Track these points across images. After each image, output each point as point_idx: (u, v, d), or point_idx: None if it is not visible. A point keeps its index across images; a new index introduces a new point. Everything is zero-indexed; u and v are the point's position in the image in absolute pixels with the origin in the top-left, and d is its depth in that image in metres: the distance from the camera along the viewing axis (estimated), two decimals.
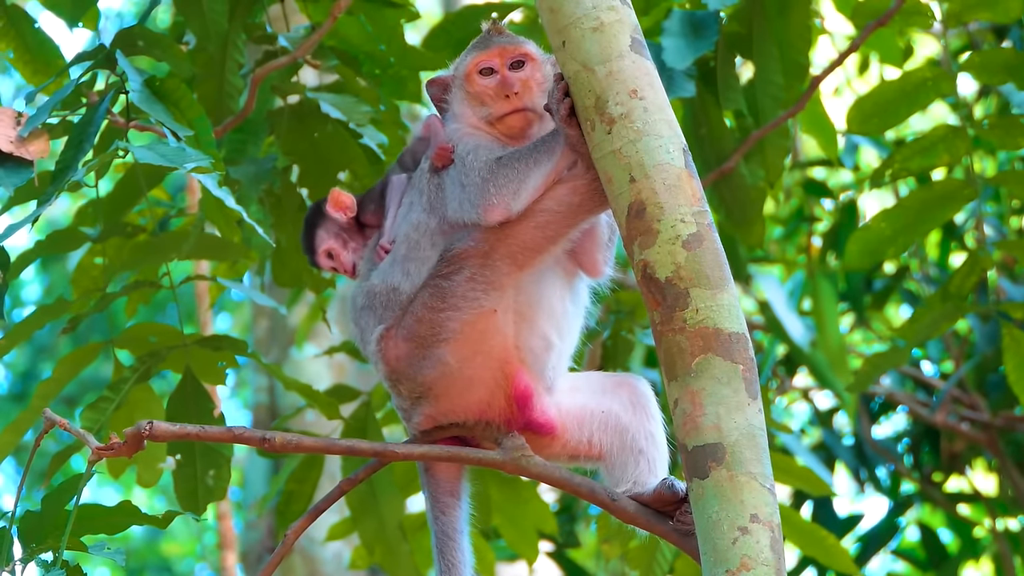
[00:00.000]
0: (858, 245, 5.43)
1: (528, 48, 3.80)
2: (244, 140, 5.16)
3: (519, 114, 3.75)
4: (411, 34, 5.38)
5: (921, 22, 5.30)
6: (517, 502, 5.71)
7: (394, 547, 5.46)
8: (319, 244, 3.99)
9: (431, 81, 3.90)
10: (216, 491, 4.78)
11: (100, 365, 5.28)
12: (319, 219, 4.01)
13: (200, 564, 16.23)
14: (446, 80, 3.87)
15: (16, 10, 4.83)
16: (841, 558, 5.60)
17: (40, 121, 4.03)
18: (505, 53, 3.78)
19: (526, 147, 3.61)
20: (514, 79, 3.75)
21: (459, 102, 3.81)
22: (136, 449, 3.57)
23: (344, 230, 3.98)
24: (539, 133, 3.73)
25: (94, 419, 4.67)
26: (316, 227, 4.01)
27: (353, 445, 3.75)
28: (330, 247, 3.98)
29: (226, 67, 4.97)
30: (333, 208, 3.99)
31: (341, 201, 3.99)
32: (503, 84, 3.75)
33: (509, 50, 3.78)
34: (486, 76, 3.78)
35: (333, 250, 3.98)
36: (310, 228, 4.02)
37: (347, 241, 3.97)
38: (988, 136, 5.47)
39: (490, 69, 3.78)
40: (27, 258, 4.76)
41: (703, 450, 3.27)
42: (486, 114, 3.77)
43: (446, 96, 3.85)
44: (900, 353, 5.39)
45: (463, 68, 3.82)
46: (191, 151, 3.82)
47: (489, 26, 3.85)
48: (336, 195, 3.99)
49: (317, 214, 4.02)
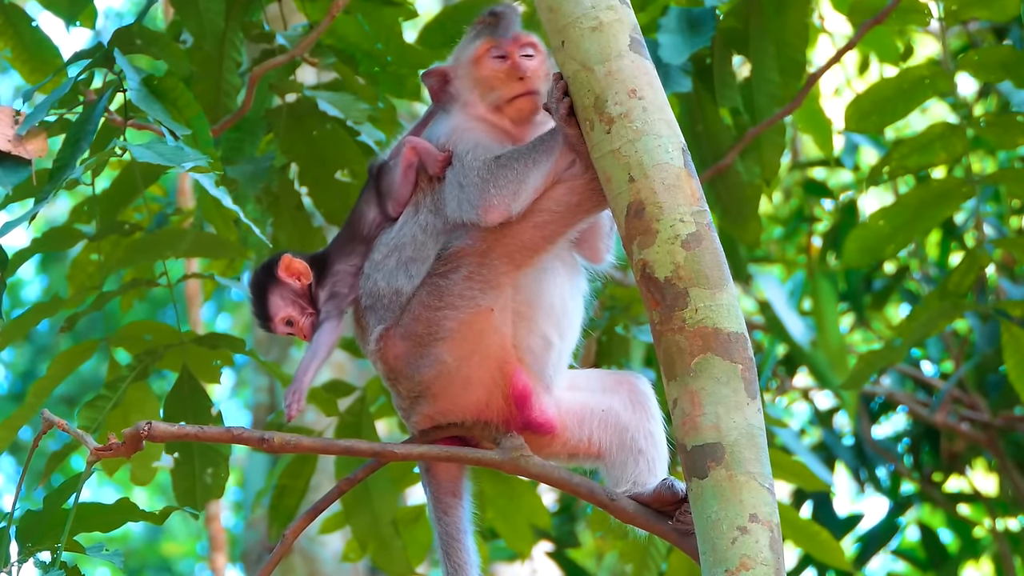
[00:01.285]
0: (857, 243, 5.43)
1: (536, 39, 3.81)
2: (242, 139, 5.15)
3: (529, 97, 3.74)
4: (409, 32, 5.37)
5: (918, 20, 5.29)
6: (511, 497, 5.71)
7: (387, 542, 5.45)
8: (275, 312, 3.83)
9: (428, 72, 3.87)
10: (214, 489, 4.78)
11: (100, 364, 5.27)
12: (271, 284, 3.84)
13: (200, 564, 16.23)
14: (444, 70, 3.85)
15: (14, 9, 4.83)
16: (836, 554, 5.60)
17: (38, 119, 4.03)
18: (519, 40, 3.78)
19: (525, 146, 3.60)
20: (525, 64, 3.75)
21: (465, 89, 3.79)
22: (135, 450, 3.57)
23: (299, 296, 3.83)
24: (540, 123, 3.73)
25: (92, 417, 4.67)
26: (268, 293, 3.84)
27: (352, 445, 3.75)
28: (288, 315, 3.82)
29: (223, 66, 4.97)
30: (286, 274, 3.83)
31: (294, 267, 3.83)
32: (515, 67, 3.74)
33: (522, 37, 3.79)
34: (496, 60, 3.77)
35: (292, 318, 3.83)
36: (262, 293, 3.85)
37: (304, 308, 3.82)
38: (986, 135, 5.46)
39: (501, 54, 3.78)
40: (24, 255, 4.76)
41: (702, 450, 3.27)
42: (495, 98, 3.75)
43: (445, 87, 3.84)
44: (896, 351, 5.38)
45: (471, 52, 3.80)
46: (189, 150, 3.82)
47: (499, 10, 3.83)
48: (288, 261, 3.83)
49: (268, 277, 3.84)
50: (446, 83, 3.84)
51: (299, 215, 5.31)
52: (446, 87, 3.84)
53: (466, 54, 3.82)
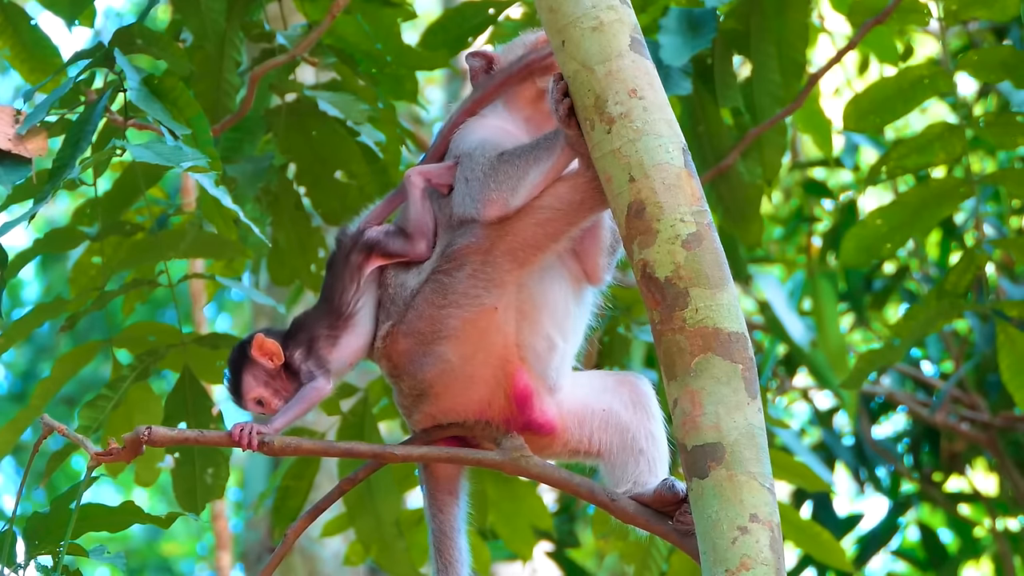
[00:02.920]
0: (854, 242, 5.42)
1: None
2: (241, 138, 5.15)
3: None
4: (408, 33, 5.38)
5: (918, 20, 5.29)
6: (512, 499, 5.71)
7: (390, 544, 5.46)
8: (247, 391, 3.79)
9: (476, 53, 3.87)
10: (214, 489, 4.78)
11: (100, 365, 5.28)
12: (245, 363, 3.80)
13: (200, 564, 16.23)
14: (491, 55, 3.86)
15: (13, 8, 4.83)
16: (837, 555, 5.60)
17: (38, 119, 4.03)
18: None
19: (527, 145, 3.60)
20: None
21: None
22: (135, 454, 3.58)
23: (272, 376, 3.77)
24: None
25: (92, 417, 4.67)
26: (242, 372, 3.79)
27: (352, 447, 3.75)
28: (259, 395, 3.78)
29: (224, 65, 4.97)
30: (258, 355, 3.78)
31: (266, 348, 3.77)
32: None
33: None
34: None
35: (263, 398, 3.78)
36: (236, 372, 3.82)
37: (277, 390, 3.77)
38: (986, 135, 5.46)
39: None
40: (25, 256, 4.76)
41: (702, 450, 3.27)
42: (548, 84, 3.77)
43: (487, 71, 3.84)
44: (895, 350, 5.38)
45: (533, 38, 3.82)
46: (188, 150, 3.81)
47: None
48: (260, 341, 3.78)
49: (242, 357, 3.80)
50: (489, 68, 3.85)
51: (298, 215, 5.31)
52: (488, 71, 3.84)
53: (526, 40, 3.84)
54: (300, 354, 3.76)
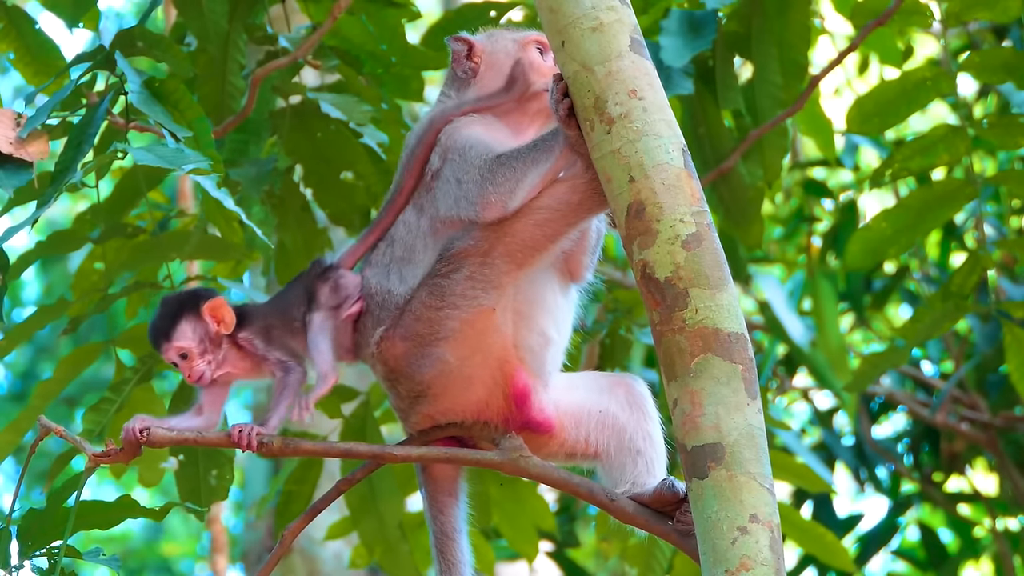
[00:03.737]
0: (859, 245, 5.43)
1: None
2: (246, 141, 5.15)
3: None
4: (412, 33, 5.38)
5: (920, 21, 5.29)
6: (516, 500, 5.71)
7: (394, 546, 5.46)
8: (177, 338, 3.66)
9: (458, 37, 3.88)
10: (219, 491, 4.78)
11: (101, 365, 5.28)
12: (188, 312, 3.67)
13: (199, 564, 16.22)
14: (473, 43, 3.87)
15: (17, 11, 4.83)
16: (840, 555, 5.60)
17: (40, 122, 4.02)
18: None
19: (525, 146, 3.60)
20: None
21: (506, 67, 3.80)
22: (133, 455, 3.58)
23: (209, 339, 3.68)
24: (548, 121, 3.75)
25: (96, 421, 4.67)
26: (182, 318, 3.68)
27: (351, 448, 3.76)
28: (188, 349, 3.66)
29: (227, 68, 4.97)
30: (209, 312, 3.67)
31: (221, 312, 3.68)
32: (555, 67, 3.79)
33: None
34: (539, 54, 3.83)
35: (189, 353, 3.66)
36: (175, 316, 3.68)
37: (207, 351, 3.67)
38: (987, 136, 5.46)
39: (542, 51, 3.84)
40: (27, 259, 4.76)
41: (702, 450, 3.27)
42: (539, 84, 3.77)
43: (468, 58, 3.85)
44: (899, 353, 5.38)
45: (520, 36, 3.85)
46: (190, 152, 3.81)
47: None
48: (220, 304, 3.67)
49: (189, 305, 3.69)
50: (470, 55, 3.86)
51: (304, 216, 5.31)
52: (468, 59, 3.85)
53: (512, 36, 3.86)
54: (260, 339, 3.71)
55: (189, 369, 3.68)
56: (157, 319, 3.72)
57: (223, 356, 3.71)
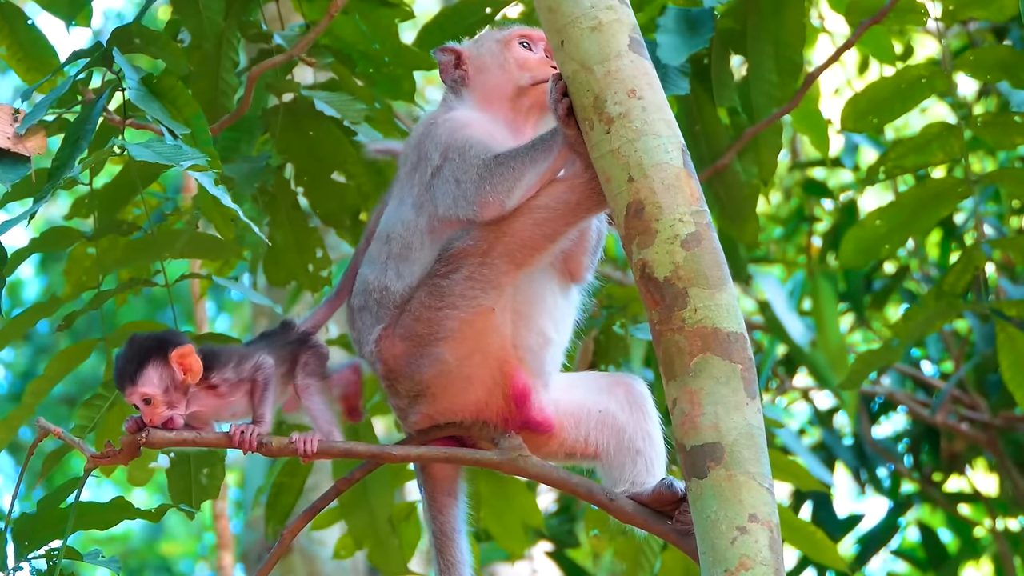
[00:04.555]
0: (853, 243, 5.42)
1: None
2: (238, 138, 5.15)
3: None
4: (406, 33, 5.37)
5: (916, 19, 5.28)
6: (504, 497, 5.70)
7: (384, 540, 5.44)
8: (142, 384, 3.59)
9: (444, 48, 3.90)
10: (210, 489, 4.77)
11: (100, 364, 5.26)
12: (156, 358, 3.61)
13: (200, 564, 16.23)
14: (460, 51, 3.88)
15: (10, 8, 4.82)
16: (831, 554, 5.59)
17: (37, 118, 4.02)
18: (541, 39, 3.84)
19: (524, 145, 3.60)
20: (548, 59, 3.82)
21: (492, 68, 3.83)
22: (132, 456, 3.58)
23: (175, 387, 3.62)
24: (546, 119, 3.75)
25: (89, 417, 4.66)
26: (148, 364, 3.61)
27: (351, 447, 3.75)
28: (152, 395, 3.59)
29: (221, 65, 4.97)
30: (176, 360, 3.62)
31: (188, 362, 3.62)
32: (544, 58, 3.82)
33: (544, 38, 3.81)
34: (524, 49, 3.83)
35: (153, 399, 3.60)
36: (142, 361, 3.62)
37: (172, 401, 3.61)
38: (984, 134, 5.46)
39: (528, 45, 3.84)
40: (22, 254, 4.75)
41: (702, 450, 3.27)
42: (526, 79, 3.78)
43: (457, 67, 3.86)
44: (894, 351, 5.37)
45: (503, 34, 3.86)
46: (188, 149, 3.81)
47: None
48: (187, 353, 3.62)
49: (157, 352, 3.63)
50: (458, 63, 3.86)
51: (295, 215, 5.31)
52: (457, 67, 3.85)
53: (495, 36, 3.87)
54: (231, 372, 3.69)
55: (151, 414, 3.60)
56: (124, 361, 3.64)
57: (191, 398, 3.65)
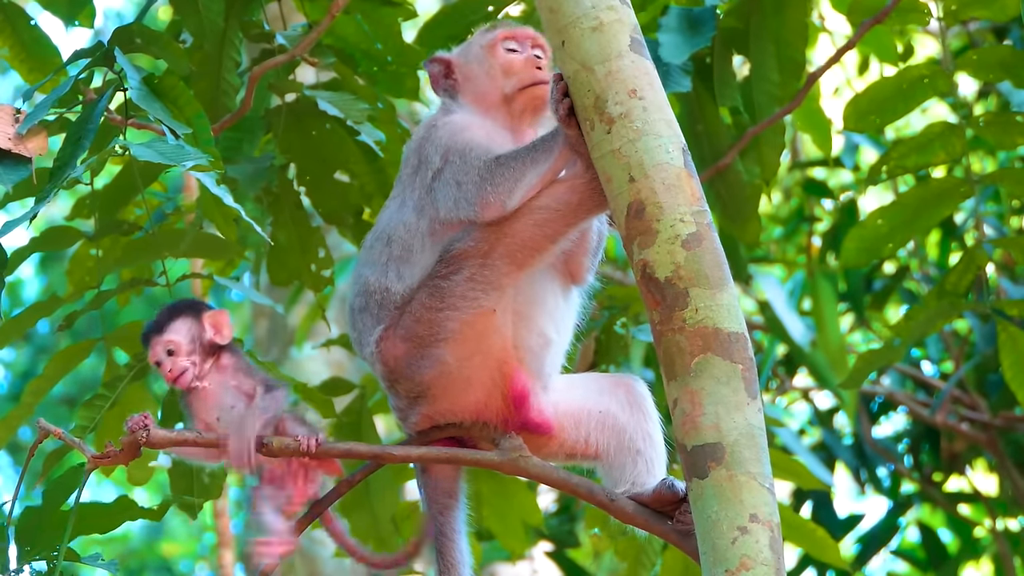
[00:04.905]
0: (855, 242, 5.43)
1: (545, 43, 3.84)
2: (241, 138, 5.15)
3: (543, 86, 3.75)
4: (408, 32, 5.37)
5: (917, 19, 5.29)
6: (504, 496, 5.70)
7: (386, 540, 5.45)
8: (171, 333, 3.65)
9: (433, 59, 3.90)
10: (212, 489, 4.77)
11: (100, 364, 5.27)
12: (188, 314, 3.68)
13: (200, 564, 16.23)
14: (448, 59, 3.88)
15: (13, 8, 4.82)
16: (831, 551, 5.59)
17: (38, 118, 4.02)
18: (529, 35, 3.83)
19: (525, 147, 3.61)
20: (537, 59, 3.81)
21: (476, 76, 3.82)
22: (133, 457, 3.58)
23: (202, 344, 3.67)
24: (542, 120, 3.76)
25: (89, 417, 4.66)
26: (181, 318, 3.68)
27: (351, 448, 3.75)
28: (177, 345, 3.65)
29: (223, 65, 4.96)
30: (209, 321, 3.68)
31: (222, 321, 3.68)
32: (530, 59, 3.79)
33: (532, 35, 3.84)
34: (510, 52, 3.82)
35: (177, 349, 3.64)
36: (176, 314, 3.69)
37: (195, 353, 3.66)
38: (985, 134, 5.46)
39: (515, 47, 3.82)
40: (22, 254, 4.75)
41: (702, 450, 3.27)
42: (512, 85, 3.77)
43: (447, 76, 3.86)
44: (895, 350, 5.38)
45: (487, 39, 3.84)
46: (189, 149, 3.81)
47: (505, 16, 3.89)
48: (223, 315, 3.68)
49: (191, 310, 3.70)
50: (448, 73, 3.86)
51: (298, 214, 5.31)
52: (448, 76, 3.85)
53: (480, 41, 3.86)
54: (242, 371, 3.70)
55: (172, 364, 3.64)
56: (154, 318, 3.71)
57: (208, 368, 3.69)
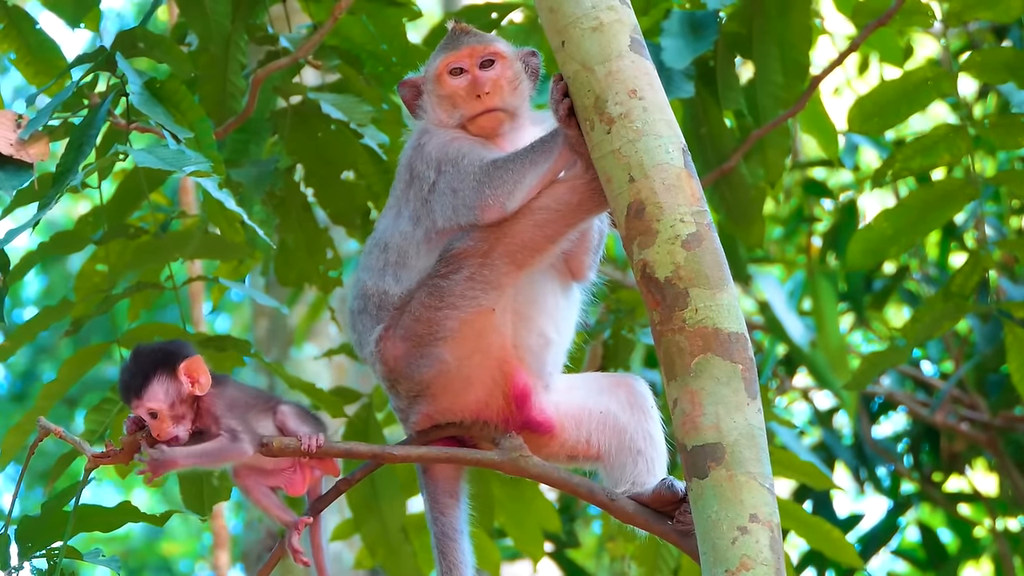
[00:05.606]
0: (860, 245, 5.43)
1: (497, 46, 3.79)
2: (247, 141, 5.16)
3: (491, 115, 3.74)
4: (413, 33, 5.38)
5: (921, 21, 5.30)
6: (521, 500, 5.70)
7: (396, 548, 5.45)
8: (149, 398, 3.55)
9: (403, 83, 3.87)
10: (222, 492, 4.78)
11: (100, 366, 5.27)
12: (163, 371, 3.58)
13: (199, 564, 16.23)
14: (417, 82, 3.86)
15: (17, 11, 4.83)
16: (846, 551, 5.59)
17: (41, 124, 4.02)
18: (475, 53, 3.77)
19: (525, 148, 3.61)
20: (485, 79, 3.74)
21: (432, 105, 3.80)
22: (132, 456, 3.58)
23: (183, 400, 3.58)
24: (511, 132, 3.75)
25: (98, 421, 4.67)
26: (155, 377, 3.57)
27: (351, 448, 3.76)
28: (158, 409, 3.56)
29: (228, 68, 4.97)
30: (184, 373, 3.58)
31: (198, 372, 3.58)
32: (474, 84, 3.74)
33: (478, 49, 3.77)
34: (456, 76, 3.77)
35: (160, 413, 3.57)
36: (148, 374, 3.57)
37: (179, 415, 3.58)
38: (988, 135, 5.47)
39: (460, 69, 3.77)
40: (30, 260, 4.75)
41: (702, 450, 3.28)
42: (458, 116, 3.76)
43: (418, 100, 3.85)
44: (900, 352, 5.39)
45: (432, 70, 3.81)
46: (191, 153, 3.81)
47: (455, 26, 3.84)
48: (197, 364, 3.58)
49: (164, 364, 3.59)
50: (418, 95, 3.85)
51: (306, 216, 5.32)
52: (418, 99, 3.85)
53: (429, 71, 3.83)
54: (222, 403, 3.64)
55: (158, 428, 3.58)
56: (129, 374, 3.61)
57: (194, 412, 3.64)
